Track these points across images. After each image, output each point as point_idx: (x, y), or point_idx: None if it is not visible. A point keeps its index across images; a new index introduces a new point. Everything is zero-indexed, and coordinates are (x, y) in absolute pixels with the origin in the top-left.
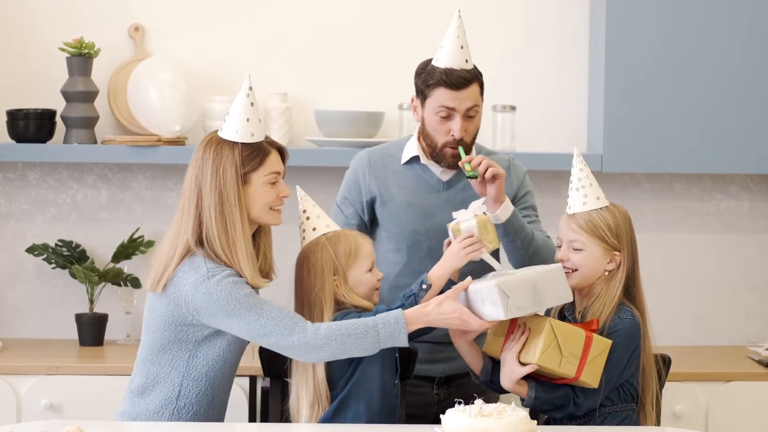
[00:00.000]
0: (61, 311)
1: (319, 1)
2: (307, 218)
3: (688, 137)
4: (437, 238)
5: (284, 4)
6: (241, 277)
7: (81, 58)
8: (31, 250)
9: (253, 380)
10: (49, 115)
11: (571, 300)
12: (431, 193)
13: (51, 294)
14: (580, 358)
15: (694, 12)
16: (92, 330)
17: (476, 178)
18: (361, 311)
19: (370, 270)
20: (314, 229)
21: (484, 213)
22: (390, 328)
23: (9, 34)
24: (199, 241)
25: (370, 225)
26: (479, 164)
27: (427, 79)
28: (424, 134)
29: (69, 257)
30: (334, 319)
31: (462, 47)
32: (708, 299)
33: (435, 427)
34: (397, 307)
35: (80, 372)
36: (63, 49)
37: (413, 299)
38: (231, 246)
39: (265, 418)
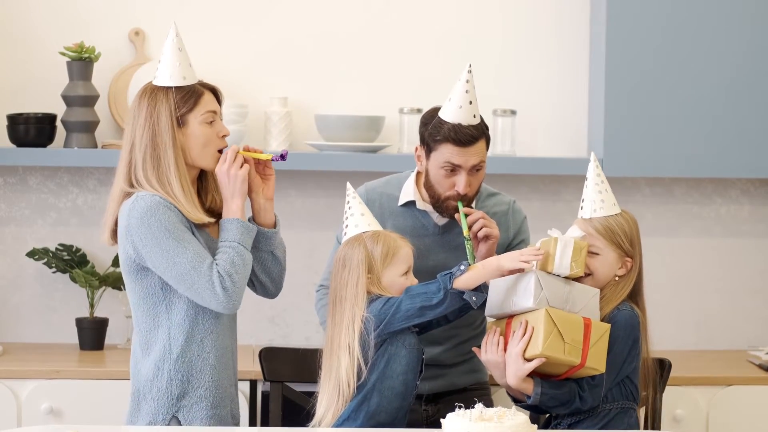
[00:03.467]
0: (61, 315)
1: (319, 6)
2: (352, 215)
3: (689, 141)
4: (429, 278)
5: (285, 9)
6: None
7: (81, 63)
8: (31, 254)
9: (253, 384)
10: (50, 119)
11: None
12: (426, 236)
13: (51, 298)
14: (582, 343)
15: (694, 17)
16: (92, 334)
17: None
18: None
19: (405, 274)
20: (357, 225)
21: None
22: (242, 230)
23: (10, 38)
24: (130, 184)
25: None
26: (476, 220)
27: (434, 133)
28: (427, 185)
29: (69, 261)
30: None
31: (471, 102)
32: (708, 303)
33: (435, 431)
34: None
35: (80, 376)
36: (63, 54)
37: (449, 276)
38: (165, 185)
39: (265, 422)
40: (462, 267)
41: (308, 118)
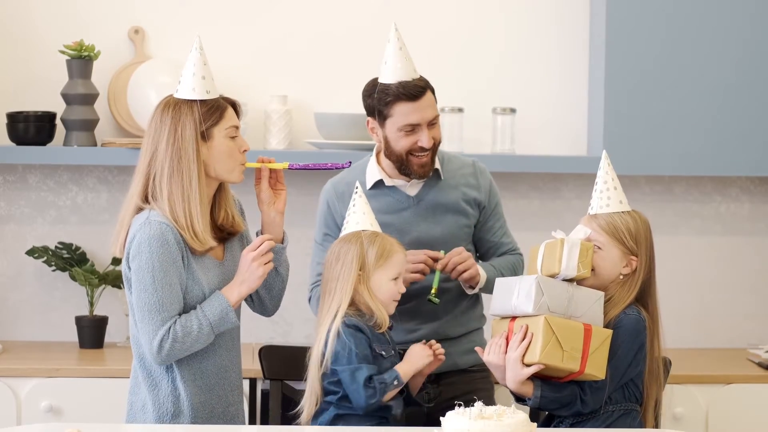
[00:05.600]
0: (61, 314)
1: (319, 4)
2: (354, 212)
3: (688, 139)
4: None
5: (284, 7)
6: (183, 236)
7: (81, 61)
8: (31, 252)
9: (253, 382)
10: (49, 117)
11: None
12: (403, 210)
13: (51, 296)
14: (581, 351)
15: (693, 15)
16: (92, 332)
17: (437, 304)
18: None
19: (395, 279)
20: (357, 223)
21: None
22: (216, 311)
23: (9, 36)
24: (145, 199)
25: None
26: (452, 269)
27: (383, 97)
28: (388, 152)
29: (69, 260)
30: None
31: (407, 59)
32: (708, 301)
33: (434, 429)
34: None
35: (80, 374)
36: (63, 52)
37: (383, 388)
38: (186, 200)
39: (265, 421)
40: (396, 383)
41: (308, 117)
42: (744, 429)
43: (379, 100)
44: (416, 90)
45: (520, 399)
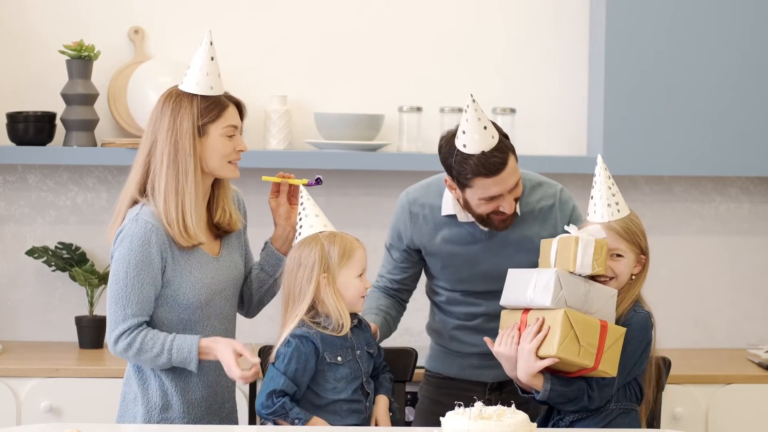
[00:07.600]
0: (60, 314)
1: (319, 5)
2: (306, 216)
3: (688, 140)
4: (483, 283)
5: (284, 7)
6: (170, 232)
7: (81, 61)
8: (30, 252)
9: (253, 383)
10: (49, 117)
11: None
12: (475, 243)
13: (51, 296)
14: (597, 347)
15: (693, 16)
16: (92, 332)
17: None
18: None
19: (360, 276)
20: (311, 226)
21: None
22: (183, 355)
23: (9, 36)
24: (143, 191)
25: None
26: None
27: (462, 171)
28: (467, 208)
29: (69, 260)
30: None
31: (485, 128)
32: (707, 302)
33: (434, 429)
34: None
35: (80, 375)
36: (63, 52)
37: (281, 411)
38: (179, 194)
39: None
40: (296, 422)
41: (308, 117)
42: (744, 429)
43: (458, 172)
44: (496, 166)
45: (525, 392)
